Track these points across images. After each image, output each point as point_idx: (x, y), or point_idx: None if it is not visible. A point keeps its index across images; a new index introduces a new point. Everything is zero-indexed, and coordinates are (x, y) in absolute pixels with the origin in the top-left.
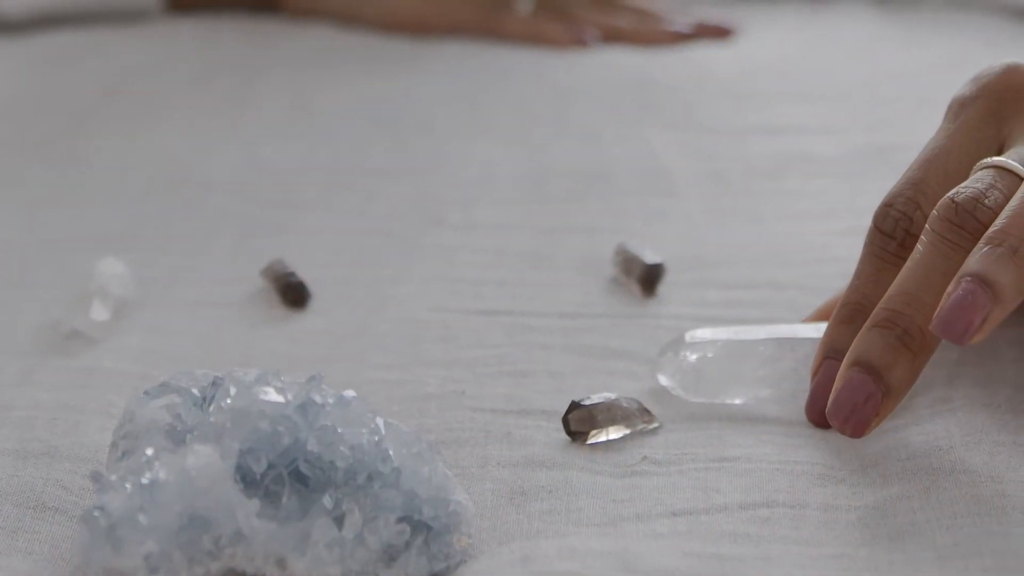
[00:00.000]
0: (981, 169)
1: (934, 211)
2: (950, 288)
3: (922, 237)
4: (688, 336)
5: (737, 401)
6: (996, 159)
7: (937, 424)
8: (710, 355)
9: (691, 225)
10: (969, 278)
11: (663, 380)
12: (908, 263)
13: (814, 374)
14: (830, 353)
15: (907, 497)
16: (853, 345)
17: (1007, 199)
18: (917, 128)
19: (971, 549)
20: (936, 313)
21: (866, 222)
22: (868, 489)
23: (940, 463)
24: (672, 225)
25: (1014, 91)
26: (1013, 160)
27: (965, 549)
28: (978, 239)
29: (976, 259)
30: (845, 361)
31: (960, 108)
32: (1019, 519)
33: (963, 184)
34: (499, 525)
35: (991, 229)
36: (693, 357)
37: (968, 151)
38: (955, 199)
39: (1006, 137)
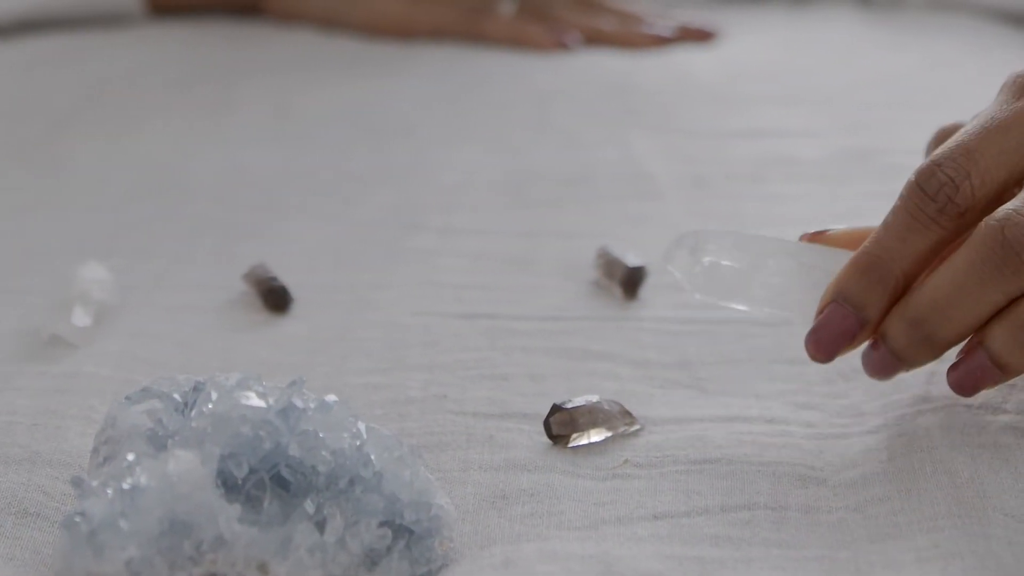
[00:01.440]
0: None
1: (984, 228)
2: (966, 351)
3: (966, 247)
4: (705, 235)
5: (742, 308)
6: None
7: (918, 425)
8: (726, 263)
9: (672, 228)
10: (983, 354)
11: (673, 270)
12: (948, 267)
13: (820, 311)
14: (838, 297)
15: (888, 498)
16: (884, 325)
17: None
18: (898, 131)
19: (951, 550)
20: (948, 371)
21: (846, 225)
22: (849, 490)
23: (921, 464)
24: (654, 228)
25: None
26: None
27: (945, 550)
28: (1020, 279)
29: (995, 336)
30: (878, 334)
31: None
32: (999, 521)
33: (1020, 205)
34: (481, 529)
35: (1021, 308)
36: (708, 260)
37: None
38: (1005, 231)
39: None
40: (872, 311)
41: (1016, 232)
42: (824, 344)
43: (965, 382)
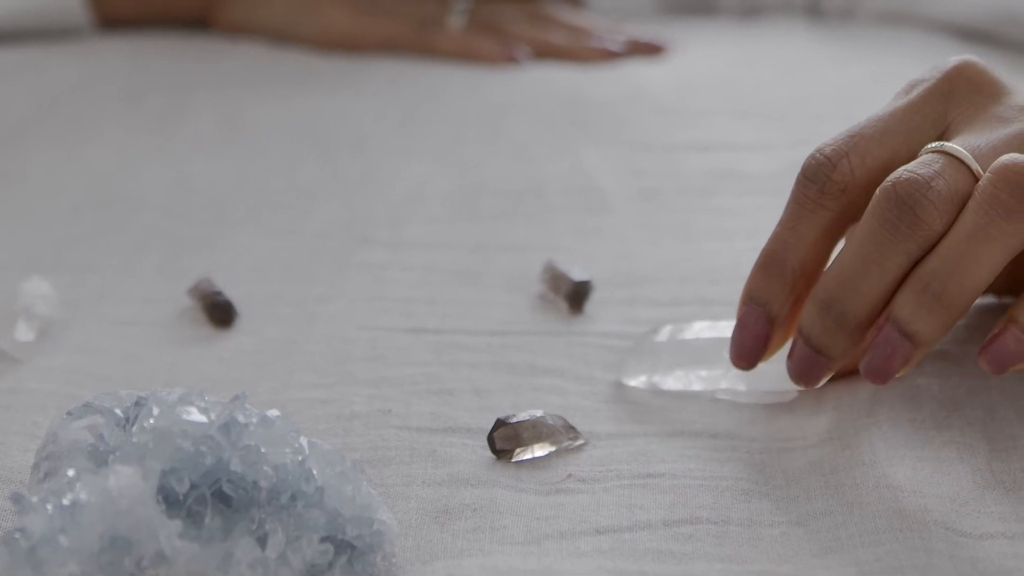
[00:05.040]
0: (930, 152)
1: (878, 192)
2: (873, 332)
3: (864, 217)
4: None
5: (696, 388)
6: (947, 144)
7: (861, 439)
8: (663, 338)
9: (621, 242)
10: (890, 327)
11: (627, 380)
12: (850, 242)
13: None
14: (747, 300)
15: (830, 512)
16: (799, 318)
17: (951, 192)
18: None
19: (893, 564)
20: (861, 359)
21: None
22: (792, 504)
23: (863, 478)
24: (602, 242)
25: (967, 80)
26: (962, 147)
27: (887, 564)
28: (916, 234)
29: (900, 304)
30: (796, 331)
31: (912, 86)
32: (941, 534)
33: (909, 166)
34: (423, 544)
35: (921, 268)
36: (651, 343)
37: (912, 119)
38: (896, 187)
39: (951, 121)
40: (776, 304)
41: (907, 187)
42: (743, 348)
43: (875, 361)
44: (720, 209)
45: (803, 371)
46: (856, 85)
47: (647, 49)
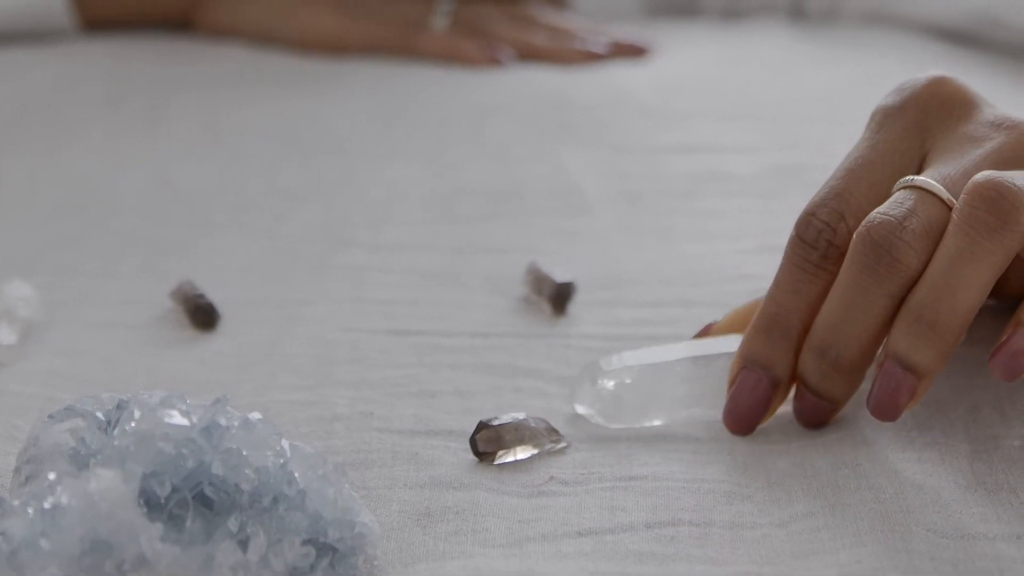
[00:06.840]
0: (902, 188)
1: (854, 237)
2: (876, 370)
3: (844, 264)
4: (603, 363)
5: (657, 423)
6: (918, 179)
7: (843, 441)
8: (628, 381)
9: (603, 244)
10: (891, 362)
11: (581, 409)
12: (834, 288)
13: (731, 383)
14: (747, 363)
15: (812, 514)
16: (798, 366)
17: (926, 228)
18: (831, 147)
19: (874, 566)
20: (867, 400)
21: (777, 241)
22: (774, 506)
23: (845, 480)
24: (584, 244)
25: (938, 103)
26: (934, 180)
27: (869, 566)
28: (896, 275)
29: (896, 337)
30: (796, 382)
31: (884, 118)
32: (922, 536)
33: (881, 208)
34: (405, 547)
35: (911, 299)
36: (611, 384)
37: (892, 162)
38: (871, 232)
39: (929, 149)
40: (780, 367)
41: (881, 231)
42: (742, 413)
43: (881, 398)
44: (703, 211)
45: (810, 417)
46: (840, 87)
47: (630, 51)
